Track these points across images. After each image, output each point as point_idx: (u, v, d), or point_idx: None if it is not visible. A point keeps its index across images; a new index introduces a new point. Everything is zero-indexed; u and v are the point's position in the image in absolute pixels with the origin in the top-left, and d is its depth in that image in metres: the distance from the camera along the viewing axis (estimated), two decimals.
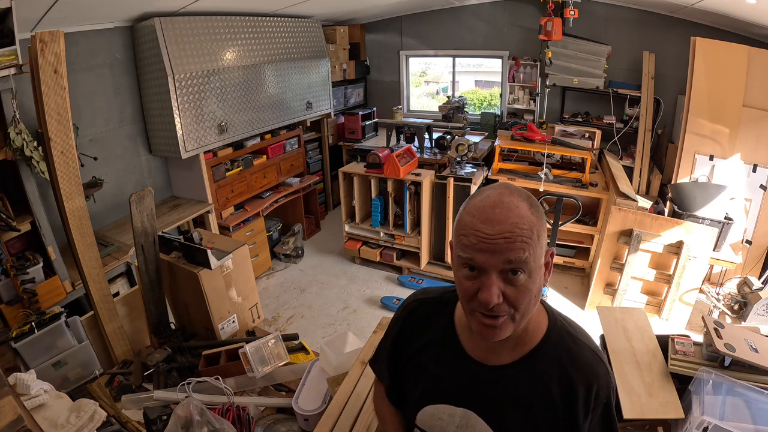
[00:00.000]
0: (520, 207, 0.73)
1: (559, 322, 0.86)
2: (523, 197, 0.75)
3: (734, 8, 3.41)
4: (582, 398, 0.81)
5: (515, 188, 0.77)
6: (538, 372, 0.82)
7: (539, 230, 0.74)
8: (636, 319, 2.26)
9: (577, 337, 0.85)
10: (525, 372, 0.82)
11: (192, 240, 1.96)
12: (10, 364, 1.79)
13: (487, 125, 5.38)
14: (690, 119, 3.65)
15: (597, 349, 0.86)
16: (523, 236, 0.71)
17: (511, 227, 0.71)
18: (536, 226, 0.73)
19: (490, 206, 0.73)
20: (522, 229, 0.71)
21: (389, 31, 5.79)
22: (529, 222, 0.72)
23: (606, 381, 0.83)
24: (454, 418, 0.87)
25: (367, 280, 4.23)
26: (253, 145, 4.13)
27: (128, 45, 3.32)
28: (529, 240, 0.71)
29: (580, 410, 0.81)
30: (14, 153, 2.22)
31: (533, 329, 0.83)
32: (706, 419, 1.56)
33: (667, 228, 3.16)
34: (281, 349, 1.72)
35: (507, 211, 0.72)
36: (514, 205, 0.73)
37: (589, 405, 0.81)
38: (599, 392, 0.82)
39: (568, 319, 0.89)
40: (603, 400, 0.83)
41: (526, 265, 0.72)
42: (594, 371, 0.82)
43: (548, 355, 0.83)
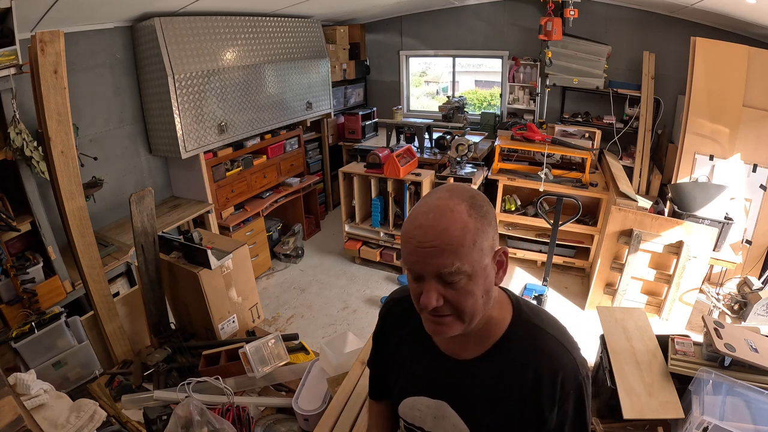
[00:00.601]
0: (455, 211, 0.71)
1: (524, 313, 0.86)
2: (464, 199, 0.73)
3: (734, 8, 3.41)
4: (547, 388, 0.80)
5: (459, 189, 0.76)
6: (504, 364, 0.83)
7: (476, 234, 0.72)
8: (636, 319, 2.26)
9: (541, 327, 0.84)
10: (491, 365, 0.84)
11: (192, 240, 1.96)
12: (10, 364, 1.79)
13: (487, 125, 5.38)
14: (690, 119, 3.65)
15: (564, 338, 0.84)
16: (453, 244, 0.70)
17: (440, 235, 0.70)
18: (472, 231, 0.71)
19: (424, 212, 0.73)
20: (452, 237, 0.70)
21: (389, 31, 5.79)
22: (462, 228, 0.70)
23: (572, 371, 0.81)
24: (429, 410, 0.91)
25: (367, 280, 4.23)
26: (253, 145, 4.14)
27: (128, 45, 3.32)
28: (460, 248, 0.70)
29: (545, 400, 0.81)
30: (14, 153, 2.22)
31: (496, 322, 0.84)
32: (706, 419, 1.56)
33: (667, 228, 3.16)
34: (281, 349, 1.72)
35: (439, 217, 0.71)
36: (448, 209, 0.72)
37: (554, 395, 0.80)
38: (564, 382, 0.80)
39: (535, 310, 0.89)
40: (571, 390, 0.81)
41: (460, 272, 0.72)
42: (558, 361, 0.81)
43: (512, 347, 0.84)
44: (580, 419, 0.83)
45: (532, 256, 4.26)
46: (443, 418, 0.90)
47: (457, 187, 0.78)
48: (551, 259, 3.47)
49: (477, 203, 0.74)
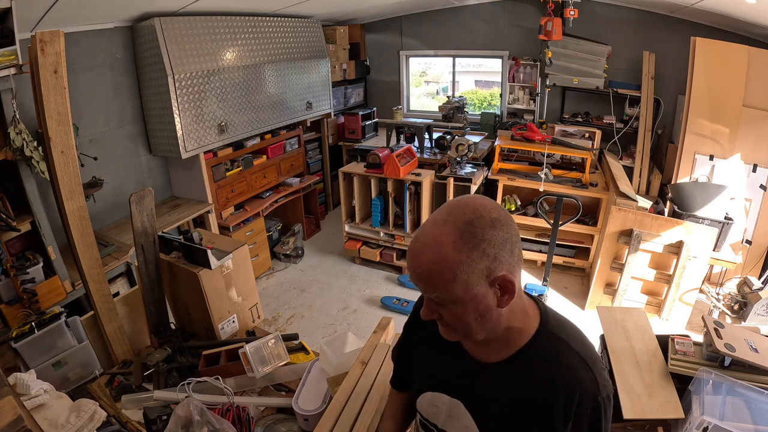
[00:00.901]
0: (440, 243, 0.72)
1: (550, 325, 0.85)
2: (456, 226, 0.72)
3: (734, 8, 3.41)
4: (562, 403, 0.79)
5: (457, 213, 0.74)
6: (522, 373, 0.83)
7: (458, 267, 0.71)
8: (636, 319, 2.26)
9: (565, 340, 0.83)
10: (510, 371, 0.84)
11: (192, 240, 1.96)
12: (10, 364, 1.79)
13: (487, 125, 5.38)
14: (690, 119, 3.65)
15: (589, 356, 0.82)
16: (431, 277, 0.73)
17: (422, 265, 0.73)
18: (452, 265, 0.71)
19: (418, 237, 0.75)
20: (431, 270, 0.73)
21: (389, 31, 5.79)
22: (441, 262, 0.71)
23: (592, 390, 0.79)
24: (445, 407, 0.92)
25: (367, 280, 4.23)
26: (253, 145, 4.14)
27: (128, 45, 3.32)
28: (438, 281, 0.73)
29: (558, 415, 0.79)
30: (14, 153, 2.22)
31: (519, 331, 0.83)
32: (706, 419, 1.56)
33: (667, 228, 3.16)
34: (281, 349, 1.72)
35: (423, 248, 0.74)
36: (433, 240, 0.73)
37: (569, 412, 0.78)
38: (582, 400, 0.78)
39: (562, 322, 0.87)
40: (588, 409, 0.78)
41: (445, 301, 0.75)
42: (578, 377, 0.80)
43: (534, 356, 0.83)
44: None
45: (532, 256, 4.26)
46: (456, 417, 0.90)
47: (458, 208, 0.75)
48: (551, 259, 3.48)
49: (470, 232, 0.71)
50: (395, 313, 3.66)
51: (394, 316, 1.99)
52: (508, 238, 0.74)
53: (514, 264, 0.76)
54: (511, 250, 0.75)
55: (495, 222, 0.73)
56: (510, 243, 0.74)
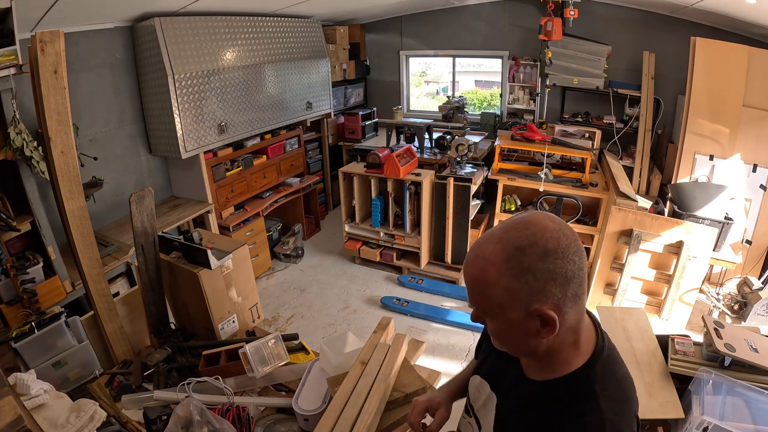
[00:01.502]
0: (488, 261, 0.71)
1: (595, 370, 0.77)
2: (506, 250, 0.70)
3: (734, 8, 3.41)
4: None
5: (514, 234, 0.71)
6: (545, 403, 0.79)
7: (498, 291, 0.70)
8: (636, 319, 2.26)
9: (598, 397, 0.74)
10: (538, 396, 0.81)
11: (192, 240, 1.96)
12: (10, 364, 1.79)
13: (487, 125, 5.38)
14: (690, 119, 3.65)
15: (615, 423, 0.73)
16: (474, 291, 0.75)
17: (469, 277, 0.75)
18: (493, 286, 0.70)
19: (474, 247, 0.76)
20: (474, 285, 0.74)
21: (389, 31, 5.79)
22: (487, 279, 0.71)
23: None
24: (484, 395, 0.94)
25: (367, 280, 4.23)
26: (253, 145, 4.14)
27: (128, 45, 3.32)
28: (478, 296, 0.74)
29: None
30: (14, 153, 2.22)
31: (564, 361, 0.78)
32: (706, 419, 1.56)
33: (667, 228, 3.16)
34: (281, 349, 1.72)
35: (473, 261, 0.74)
36: (484, 257, 0.72)
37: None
38: None
39: (609, 371, 0.78)
40: None
41: (484, 313, 0.76)
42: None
43: (560, 394, 0.77)
44: None
45: None
46: (488, 410, 0.92)
47: (517, 229, 0.71)
48: None
49: (517, 259, 0.69)
50: (395, 313, 3.66)
51: (394, 316, 1.99)
52: (562, 272, 0.69)
53: (566, 300, 0.70)
54: (564, 285, 0.70)
55: (548, 253, 0.68)
56: (563, 278, 0.69)
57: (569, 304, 0.71)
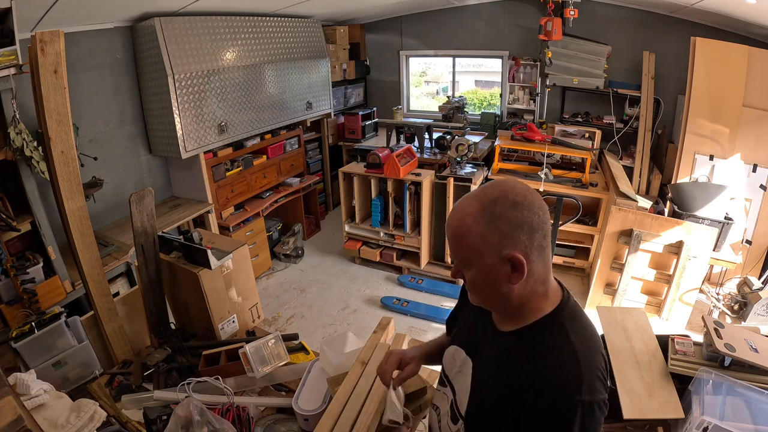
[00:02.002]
0: (466, 212, 0.83)
1: (564, 313, 0.86)
2: (481, 202, 0.82)
3: (734, 8, 3.41)
4: (539, 388, 0.78)
5: (486, 191, 0.84)
6: (519, 349, 0.86)
7: (475, 236, 0.81)
8: (636, 319, 2.26)
9: (567, 332, 0.82)
10: (511, 344, 0.88)
11: (192, 240, 1.96)
12: (10, 364, 1.79)
13: (487, 125, 5.38)
14: (690, 119, 3.65)
15: (585, 354, 0.80)
16: (455, 241, 0.85)
17: (451, 229, 0.85)
18: (474, 230, 0.81)
19: (454, 207, 0.87)
20: (455, 234, 0.84)
21: (389, 31, 5.79)
22: (466, 226, 0.82)
23: (570, 389, 0.76)
24: (458, 362, 1.00)
25: (367, 280, 4.23)
26: (253, 145, 4.14)
27: (128, 45, 3.32)
28: (460, 244, 0.84)
29: (532, 398, 0.78)
30: (14, 153, 2.22)
31: (534, 309, 0.87)
32: (706, 419, 1.56)
33: (667, 228, 3.16)
34: (281, 349, 1.72)
35: (454, 214, 0.86)
36: (463, 209, 0.84)
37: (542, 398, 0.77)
38: (559, 394, 0.76)
39: (576, 315, 0.87)
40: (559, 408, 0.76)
41: (463, 263, 0.86)
42: (561, 367, 0.78)
43: (533, 337, 0.85)
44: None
45: None
46: (464, 374, 0.97)
47: (491, 187, 0.84)
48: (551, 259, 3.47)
49: (490, 208, 0.81)
50: (395, 313, 3.66)
51: (394, 316, 1.99)
52: (528, 221, 0.80)
53: (532, 248, 0.81)
54: (530, 233, 0.80)
55: (516, 204, 0.80)
56: (529, 227, 0.80)
57: (535, 253, 0.82)
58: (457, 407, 0.97)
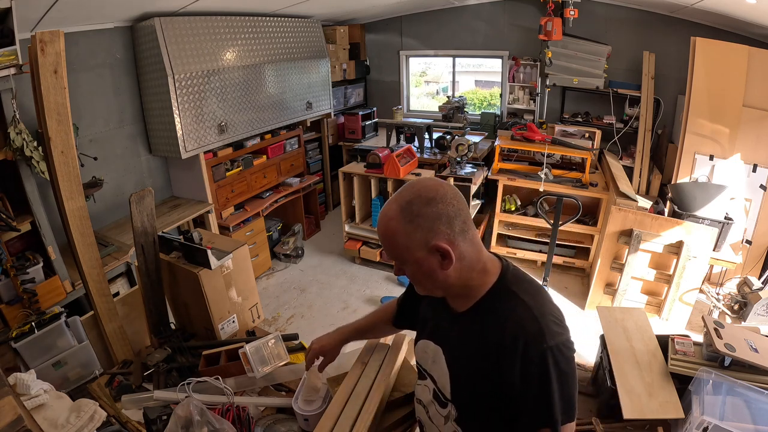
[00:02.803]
0: (388, 217, 0.90)
1: (507, 279, 0.94)
2: (399, 205, 0.90)
3: (734, 8, 3.41)
4: (509, 351, 0.85)
5: (403, 193, 0.91)
6: (478, 322, 0.93)
7: (401, 236, 0.89)
8: (636, 319, 2.26)
9: (516, 293, 0.91)
10: (471, 320, 0.95)
11: (192, 240, 1.96)
12: (10, 364, 1.79)
13: (487, 125, 5.38)
14: (690, 119, 3.65)
15: (538, 308, 0.88)
16: (386, 244, 0.93)
17: (380, 235, 0.93)
18: (396, 233, 0.89)
19: (379, 214, 0.94)
20: (385, 238, 0.92)
21: (389, 31, 5.79)
22: (392, 230, 0.90)
23: (536, 337, 0.84)
24: (431, 353, 1.06)
25: (367, 280, 4.23)
26: (253, 145, 4.14)
27: (128, 45, 3.32)
28: (390, 246, 0.92)
29: (505, 362, 0.85)
30: (14, 153, 2.22)
31: (477, 287, 0.94)
32: (706, 419, 1.56)
33: (667, 228, 3.16)
34: (281, 349, 1.72)
35: (380, 222, 0.93)
36: (386, 215, 0.91)
37: (515, 356, 0.84)
38: (527, 348, 0.83)
39: (520, 278, 0.95)
40: (535, 357, 0.83)
41: (400, 262, 0.93)
42: (523, 327, 0.85)
43: (489, 307, 0.93)
44: (544, 393, 0.83)
45: (532, 256, 4.26)
46: (438, 362, 1.03)
47: (405, 190, 0.92)
48: (551, 259, 3.47)
49: (408, 209, 0.89)
50: None
51: None
52: (444, 213, 0.88)
53: (454, 235, 0.89)
54: (449, 223, 0.88)
55: (430, 200, 0.88)
56: (447, 217, 0.88)
57: (459, 238, 0.90)
58: (441, 392, 1.03)
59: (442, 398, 1.03)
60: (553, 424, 0.84)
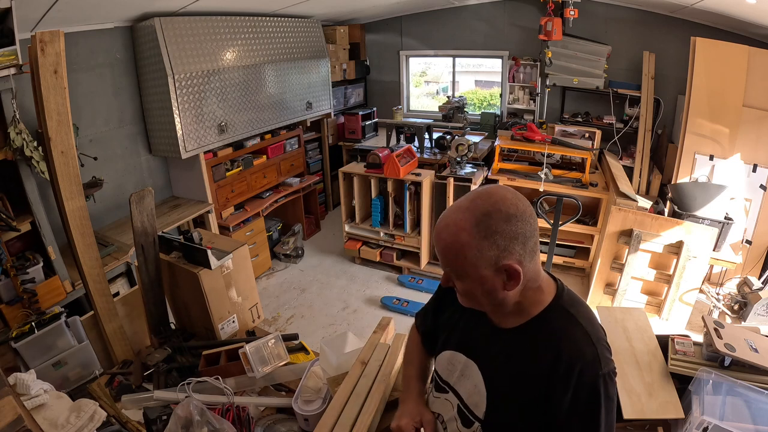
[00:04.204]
0: (459, 227, 0.82)
1: (563, 300, 0.91)
2: (474, 215, 0.81)
3: (734, 8, 3.41)
4: (563, 373, 0.82)
5: (478, 203, 0.83)
6: (532, 340, 0.89)
7: (471, 251, 0.82)
8: (636, 319, 2.26)
9: (575, 316, 0.88)
10: (520, 337, 0.90)
11: (192, 240, 1.96)
12: (10, 364, 1.79)
13: (487, 125, 5.38)
14: (690, 119, 3.65)
15: (595, 333, 0.86)
16: (447, 254, 0.85)
17: (443, 245, 0.85)
18: (466, 247, 0.82)
19: (443, 218, 0.87)
20: (448, 249, 0.84)
21: (389, 31, 5.79)
22: (461, 243, 0.82)
23: (592, 363, 0.82)
24: (460, 365, 0.99)
25: (367, 280, 4.23)
26: (253, 145, 4.14)
27: (128, 45, 3.32)
28: (452, 258, 0.84)
29: (558, 384, 0.83)
30: (14, 153, 2.22)
31: (533, 303, 0.90)
32: (706, 419, 1.56)
33: (667, 228, 3.16)
34: (281, 349, 1.72)
35: (445, 228, 0.84)
36: (455, 224, 0.83)
37: (569, 381, 0.82)
38: (583, 372, 0.82)
39: (576, 301, 0.92)
40: (588, 382, 0.82)
41: (457, 275, 0.87)
42: (581, 350, 0.83)
43: (543, 326, 0.89)
44: (592, 419, 0.82)
45: None
46: (468, 377, 0.97)
47: (481, 198, 0.84)
48: (551, 259, 3.47)
49: (485, 223, 0.81)
50: (395, 313, 3.66)
51: (394, 316, 1.99)
52: (522, 232, 0.82)
53: (525, 255, 0.83)
54: (524, 243, 0.82)
55: (510, 217, 0.81)
56: (523, 237, 0.82)
57: (528, 258, 0.84)
58: (469, 410, 0.96)
59: (469, 416, 0.96)
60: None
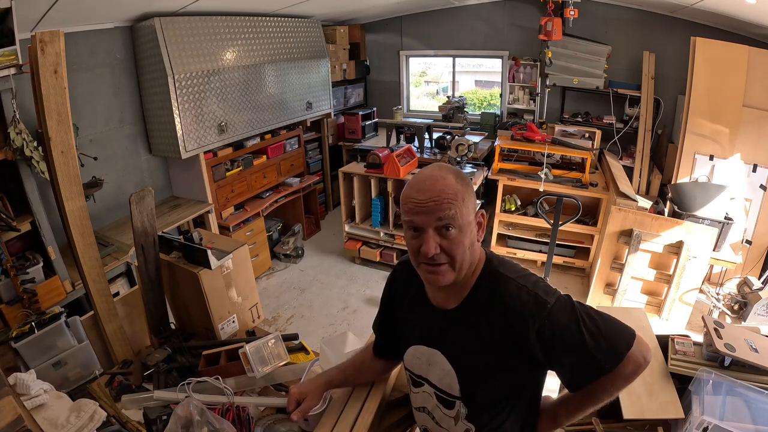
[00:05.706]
0: (447, 178, 0.90)
1: (492, 264, 0.97)
2: (451, 171, 0.92)
3: (734, 8, 3.41)
4: (521, 331, 0.88)
5: (445, 165, 0.95)
6: (476, 311, 0.95)
7: (464, 194, 0.90)
8: (636, 319, 2.26)
9: (504, 273, 0.94)
10: (466, 313, 0.96)
11: (192, 240, 1.96)
12: (10, 364, 1.79)
13: (487, 125, 5.38)
14: (690, 119, 3.65)
15: (524, 278, 0.93)
16: (448, 198, 0.88)
17: (438, 192, 0.89)
18: (461, 191, 0.90)
19: (422, 180, 0.92)
20: (447, 193, 0.88)
21: (389, 31, 5.79)
22: (454, 188, 0.89)
23: (539, 308, 0.88)
24: (425, 356, 1.04)
25: (367, 280, 4.23)
26: (253, 145, 4.14)
27: (128, 45, 3.32)
28: (454, 201, 0.88)
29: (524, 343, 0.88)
30: (14, 153, 2.22)
31: (470, 275, 0.96)
32: (706, 419, 1.56)
33: (667, 228, 3.16)
34: (281, 349, 1.72)
35: (434, 182, 0.90)
36: (441, 176, 0.91)
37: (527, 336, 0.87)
38: (536, 320, 0.87)
39: (504, 261, 0.99)
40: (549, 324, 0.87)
41: (455, 221, 0.89)
42: (520, 300, 0.90)
43: (481, 294, 0.95)
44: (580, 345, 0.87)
45: (532, 256, 4.26)
46: (435, 364, 1.02)
47: (442, 164, 0.97)
48: (551, 259, 3.47)
49: (460, 174, 0.93)
50: None
51: None
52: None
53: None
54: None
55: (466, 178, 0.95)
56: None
57: None
58: (446, 393, 1.02)
59: (448, 399, 1.02)
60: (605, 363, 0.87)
